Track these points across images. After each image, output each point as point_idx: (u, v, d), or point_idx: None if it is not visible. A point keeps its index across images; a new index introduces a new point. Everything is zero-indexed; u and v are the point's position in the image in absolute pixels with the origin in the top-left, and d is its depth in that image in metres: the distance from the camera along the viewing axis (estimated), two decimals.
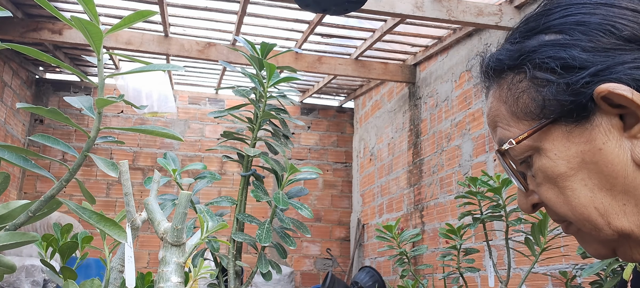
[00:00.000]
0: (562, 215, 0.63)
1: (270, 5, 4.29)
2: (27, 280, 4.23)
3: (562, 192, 0.61)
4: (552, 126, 0.61)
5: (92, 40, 0.93)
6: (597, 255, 0.65)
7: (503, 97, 0.65)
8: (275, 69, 1.76)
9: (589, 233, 0.62)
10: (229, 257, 1.69)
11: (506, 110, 0.65)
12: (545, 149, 0.61)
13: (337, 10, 3.06)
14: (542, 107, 0.61)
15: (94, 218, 0.97)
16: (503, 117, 0.65)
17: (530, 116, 0.62)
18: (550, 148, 0.61)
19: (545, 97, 0.60)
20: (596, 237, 0.62)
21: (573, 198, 0.61)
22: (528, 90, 0.62)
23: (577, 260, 3.11)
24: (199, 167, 1.79)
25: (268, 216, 1.73)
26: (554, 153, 0.61)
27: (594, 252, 0.65)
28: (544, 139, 0.61)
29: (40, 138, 1.00)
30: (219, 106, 6.68)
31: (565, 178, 0.60)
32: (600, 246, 0.63)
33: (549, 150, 0.61)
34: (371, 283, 5.26)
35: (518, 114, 0.63)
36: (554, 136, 0.61)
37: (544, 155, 0.62)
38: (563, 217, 0.63)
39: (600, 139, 0.58)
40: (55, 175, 4.16)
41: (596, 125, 0.58)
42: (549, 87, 0.60)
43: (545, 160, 0.62)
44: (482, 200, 2.21)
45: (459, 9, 3.90)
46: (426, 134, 5.04)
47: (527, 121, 0.63)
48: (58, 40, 4.70)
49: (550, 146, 0.61)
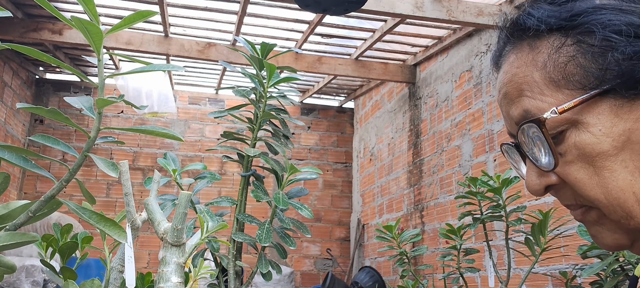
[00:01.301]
0: (592, 198, 0.57)
1: (270, 5, 4.29)
2: (27, 280, 4.23)
3: (597, 172, 0.56)
4: (601, 98, 0.55)
5: (92, 40, 0.93)
6: (616, 246, 0.60)
7: (539, 62, 0.59)
8: (275, 69, 1.76)
9: (616, 221, 0.57)
10: (229, 257, 1.69)
11: (542, 77, 0.58)
12: (588, 123, 0.56)
13: (337, 10, 3.06)
14: (594, 75, 0.55)
15: (94, 219, 0.97)
16: (535, 85, 0.59)
17: (574, 85, 0.56)
18: (594, 123, 0.55)
19: (607, 64, 0.55)
20: (624, 225, 0.57)
21: (611, 181, 0.55)
22: (577, 56, 0.57)
23: (577, 260, 3.11)
24: (199, 167, 1.79)
25: (268, 216, 1.73)
26: (598, 129, 0.55)
27: (614, 242, 0.59)
28: (588, 111, 0.56)
29: (41, 138, 1.00)
30: (219, 106, 6.68)
31: (605, 157, 0.55)
32: (623, 236, 0.59)
33: (592, 124, 0.55)
34: (371, 283, 5.26)
35: (559, 82, 0.57)
36: (601, 109, 0.55)
37: (584, 129, 0.56)
38: (590, 201, 0.58)
39: None
40: (55, 175, 4.16)
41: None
42: (614, 53, 0.54)
43: (585, 136, 0.56)
44: (482, 200, 2.21)
45: (459, 9, 3.90)
46: (426, 134, 5.04)
47: (569, 90, 0.57)
48: (58, 40, 4.70)
49: (595, 120, 0.55)
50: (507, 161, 0.67)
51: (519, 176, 0.65)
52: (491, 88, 4.08)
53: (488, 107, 4.09)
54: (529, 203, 3.49)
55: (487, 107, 4.10)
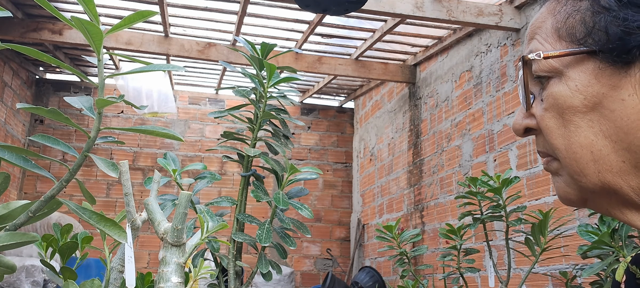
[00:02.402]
0: (554, 147, 0.61)
1: (270, 5, 4.29)
2: (27, 280, 4.23)
3: (565, 124, 0.59)
4: (587, 57, 0.58)
5: (92, 41, 0.92)
6: (566, 198, 0.63)
7: (556, 10, 0.62)
8: (275, 69, 1.76)
9: (570, 176, 0.61)
10: (229, 257, 1.69)
11: (551, 24, 0.62)
12: (569, 77, 0.59)
13: (337, 11, 3.06)
14: (587, 33, 0.58)
15: (94, 219, 0.97)
16: (545, 30, 0.62)
17: (571, 38, 0.59)
18: (574, 78, 0.58)
19: (597, 24, 0.57)
20: (577, 181, 0.60)
21: (574, 135, 0.58)
22: (583, 11, 0.59)
23: (577, 260, 3.11)
24: (199, 167, 1.79)
25: (268, 216, 1.73)
26: (574, 84, 0.58)
27: (565, 194, 0.63)
28: (573, 66, 0.59)
29: (41, 138, 1.00)
30: (219, 106, 6.68)
31: (574, 112, 0.58)
32: (574, 192, 0.62)
33: (571, 78, 0.58)
34: (371, 283, 5.26)
35: (561, 32, 0.60)
36: (583, 68, 0.58)
37: (564, 82, 0.59)
38: (553, 150, 0.61)
39: (627, 90, 0.56)
40: (55, 176, 4.16)
41: (630, 75, 0.56)
42: (605, 15, 0.56)
43: (562, 88, 0.59)
44: (482, 201, 2.21)
45: (459, 9, 3.90)
46: (426, 134, 5.04)
47: (565, 42, 0.60)
48: (58, 41, 4.70)
49: (576, 76, 0.58)
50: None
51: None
52: (491, 88, 4.07)
53: (488, 107, 4.09)
54: (529, 204, 3.49)
55: (487, 107, 4.10)
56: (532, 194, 3.51)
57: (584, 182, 0.59)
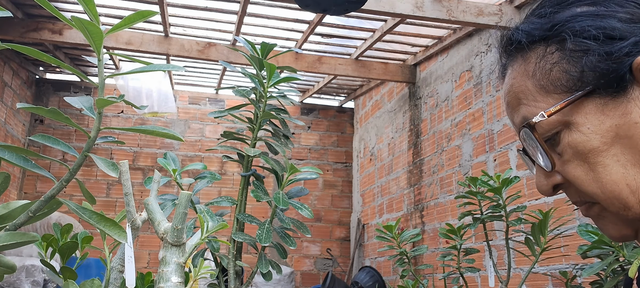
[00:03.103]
0: (590, 193, 0.60)
1: (270, 5, 4.29)
2: (27, 280, 4.23)
3: (592, 168, 0.59)
4: (586, 99, 0.59)
5: (92, 41, 0.93)
6: (620, 237, 0.63)
7: (530, 71, 0.63)
8: (275, 69, 1.76)
9: (615, 213, 0.60)
10: (229, 257, 1.69)
11: (533, 85, 0.62)
12: (577, 123, 0.59)
13: (337, 10, 3.06)
14: (576, 78, 0.59)
15: (94, 219, 0.97)
16: (529, 92, 0.63)
17: (561, 89, 0.60)
18: (582, 122, 0.59)
19: (583, 67, 0.58)
20: (623, 216, 0.60)
21: (604, 175, 0.58)
22: (560, 61, 0.60)
23: (577, 260, 3.11)
24: (199, 167, 1.79)
25: (268, 216, 1.73)
26: (586, 127, 0.58)
27: (618, 233, 0.62)
28: (576, 112, 0.59)
29: (41, 138, 1.00)
30: (219, 106, 6.68)
31: (597, 153, 0.58)
32: (625, 227, 0.61)
33: (581, 124, 0.59)
34: (371, 283, 5.26)
35: (547, 88, 0.61)
36: (588, 109, 0.59)
37: (575, 129, 0.59)
38: (590, 196, 0.61)
39: (636, 112, 0.57)
40: (56, 175, 4.16)
41: (633, 98, 0.57)
42: (588, 56, 0.58)
43: (576, 135, 0.59)
44: (482, 200, 2.21)
45: (459, 9, 3.90)
46: (426, 134, 5.04)
47: (557, 94, 0.60)
48: (58, 40, 4.70)
49: (583, 120, 0.59)
50: (524, 164, 0.70)
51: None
52: (491, 88, 4.07)
53: (488, 107, 4.09)
54: (529, 203, 3.49)
55: (487, 107, 4.10)
56: (532, 194, 3.51)
57: (631, 215, 0.59)
